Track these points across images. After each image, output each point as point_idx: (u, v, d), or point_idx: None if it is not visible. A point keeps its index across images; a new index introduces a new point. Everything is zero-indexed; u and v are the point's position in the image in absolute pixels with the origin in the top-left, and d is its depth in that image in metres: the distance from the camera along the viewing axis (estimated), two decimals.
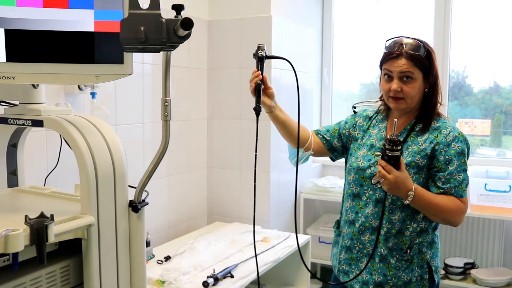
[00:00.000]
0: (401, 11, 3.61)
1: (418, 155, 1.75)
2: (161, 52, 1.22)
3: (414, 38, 1.76)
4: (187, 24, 1.05)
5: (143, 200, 1.38)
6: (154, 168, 1.36)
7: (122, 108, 2.51)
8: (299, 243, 2.74)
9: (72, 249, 1.32)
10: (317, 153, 2.02)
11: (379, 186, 1.75)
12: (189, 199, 3.12)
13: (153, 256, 2.46)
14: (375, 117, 1.95)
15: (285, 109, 1.93)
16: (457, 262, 3.21)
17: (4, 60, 1.23)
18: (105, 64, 1.31)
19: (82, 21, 1.26)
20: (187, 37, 1.10)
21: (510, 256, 3.26)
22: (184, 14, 1.11)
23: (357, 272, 1.87)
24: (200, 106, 3.17)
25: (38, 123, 1.36)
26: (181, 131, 3.00)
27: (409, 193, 1.66)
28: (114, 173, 1.31)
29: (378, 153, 1.68)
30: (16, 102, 1.47)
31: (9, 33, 1.22)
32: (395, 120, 1.64)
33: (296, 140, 1.88)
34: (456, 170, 1.72)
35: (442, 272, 3.19)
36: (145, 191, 1.39)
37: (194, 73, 3.09)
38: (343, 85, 3.92)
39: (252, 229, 2.81)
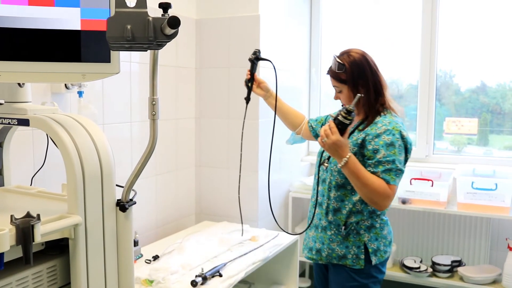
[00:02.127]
0: (389, 11, 3.63)
1: (351, 143, 1.97)
2: (149, 51, 1.21)
3: (338, 58, 2.02)
4: (174, 22, 1.05)
5: (131, 199, 1.38)
6: (141, 167, 1.35)
7: (109, 107, 2.49)
8: (288, 242, 2.74)
9: (59, 249, 1.31)
10: (307, 137, 2.40)
11: (324, 168, 2.04)
12: (177, 198, 3.11)
13: (141, 255, 2.45)
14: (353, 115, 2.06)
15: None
16: (444, 260, 3.24)
17: None
18: (92, 63, 1.30)
19: (68, 19, 1.25)
20: (174, 35, 1.10)
21: (496, 253, 3.29)
22: (171, 12, 1.11)
23: (308, 240, 2.17)
24: (188, 105, 3.17)
25: (24, 122, 1.35)
26: (169, 130, 2.99)
27: (344, 158, 1.84)
28: (101, 172, 1.31)
29: (333, 114, 1.90)
30: (2, 101, 1.46)
31: None
32: (359, 95, 1.87)
33: (291, 124, 2.38)
34: (384, 158, 1.89)
35: (430, 270, 3.21)
36: (133, 190, 1.39)
37: (182, 72, 3.08)
38: (331, 84, 3.91)
39: (241, 228, 2.81)
